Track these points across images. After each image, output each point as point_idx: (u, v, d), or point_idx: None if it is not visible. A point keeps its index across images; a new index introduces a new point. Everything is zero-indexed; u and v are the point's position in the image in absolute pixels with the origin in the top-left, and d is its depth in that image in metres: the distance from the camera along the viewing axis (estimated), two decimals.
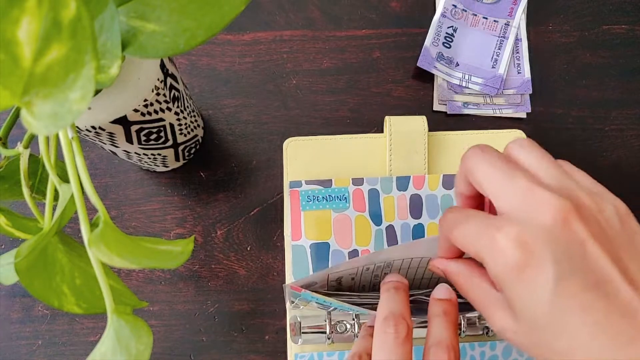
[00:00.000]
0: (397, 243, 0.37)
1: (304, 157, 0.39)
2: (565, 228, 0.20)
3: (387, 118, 0.39)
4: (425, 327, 0.34)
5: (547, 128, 0.44)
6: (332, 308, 0.33)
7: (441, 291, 0.27)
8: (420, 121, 0.39)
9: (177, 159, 0.40)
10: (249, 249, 0.40)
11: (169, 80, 0.32)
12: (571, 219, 0.20)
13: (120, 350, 0.23)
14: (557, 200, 0.20)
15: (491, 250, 0.21)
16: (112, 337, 0.23)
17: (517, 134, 0.41)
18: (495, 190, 0.22)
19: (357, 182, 0.37)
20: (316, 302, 0.32)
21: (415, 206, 0.37)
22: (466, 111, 0.44)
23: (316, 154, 0.39)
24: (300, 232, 0.36)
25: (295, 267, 0.36)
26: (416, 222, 0.37)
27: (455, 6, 0.46)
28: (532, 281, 0.20)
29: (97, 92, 0.28)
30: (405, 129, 0.39)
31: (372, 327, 0.29)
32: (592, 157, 0.43)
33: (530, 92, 0.44)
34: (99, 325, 0.39)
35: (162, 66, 0.31)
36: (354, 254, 0.36)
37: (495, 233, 0.21)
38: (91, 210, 0.23)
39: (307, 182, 0.37)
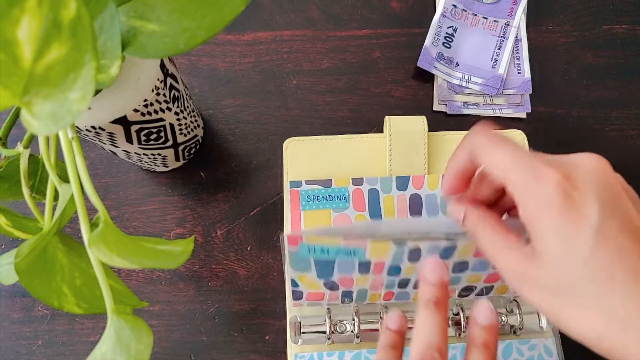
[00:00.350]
0: None
1: (304, 157, 0.39)
2: (606, 176, 0.22)
3: (387, 118, 0.39)
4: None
5: (547, 128, 0.44)
6: (334, 265, 0.32)
7: (484, 314, 0.25)
8: (420, 121, 0.39)
9: (177, 159, 0.40)
10: (249, 249, 0.40)
11: (169, 80, 0.32)
12: (609, 171, 0.22)
13: (120, 350, 0.23)
14: (595, 155, 0.22)
15: (535, 182, 0.21)
16: (112, 337, 0.23)
17: (517, 134, 0.41)
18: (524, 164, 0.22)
19: (357, 182, 0.37)
20: (315, 258, 0.31)
21: (415, 206, 0.37)
22: (466, 111, 0.44)
23: (316, 154, 0.39)
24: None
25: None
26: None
27: (455, 6, 0.46)
28: (577, 217, 0.21)
29: (97, 92, 0.28)
30: (405, 129, 0.39)
31: (395, 333, 0.27)
32: None
33: (530, 92, 0.44)
34: (99, 325, 0.39)
35: (162, 66, 0.31)
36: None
37: (542, 167, 0.21)
38: (91, 210, 0.23)
39: (307, 182, 0.37)
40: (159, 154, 0.37)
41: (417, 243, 0.30)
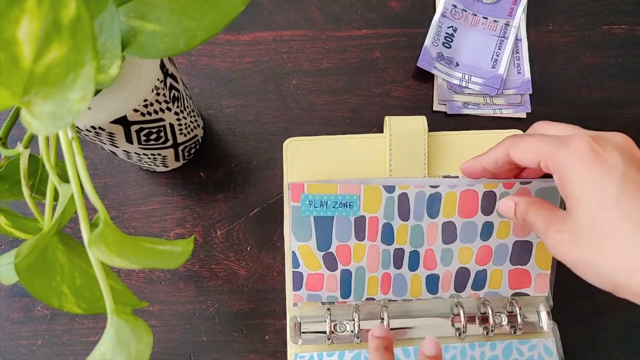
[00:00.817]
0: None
1: (304, 157, 0.39)
2: (630, 147, 0.25)
3: (387, 118, 0.39)
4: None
5: None
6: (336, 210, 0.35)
7: (430, 347, 0.29)
8: (420, 121, 0.39)
9: (177, 159, 0.40)
10: (249, 249, 0.40)
11: (169, 80, 0.32)
12: (634, 146, 0.25)
13: (120, 350, 0.23)
14: (622, 134, 0.26)
15: (566, 143, 0.25)
16: (112, 337, 0.23)
17: (517, 133, 0.41)
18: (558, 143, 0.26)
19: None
20: (315, 216, 0.35)
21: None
22: (466, 111, 0.44)
23: (316, 154, 0.39)
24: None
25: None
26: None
27: (455, 6, 0.46)
28: (604, 166, 0.24)
29: (97, 92, 0.28)
30: (405, 129, 0.39)
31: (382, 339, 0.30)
32: None
33: (530, 92, 0.44)
34: (99, 325, 0.39)
35: (162, 66, 0.31)
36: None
37: (572, 135, 0.25)
38: (91, 210, 0.23)
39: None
40: (159, 154, 0.37)
41: (405, 188, 0.35)
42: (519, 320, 0.35)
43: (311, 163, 0.39)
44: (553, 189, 0.34)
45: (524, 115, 0.44)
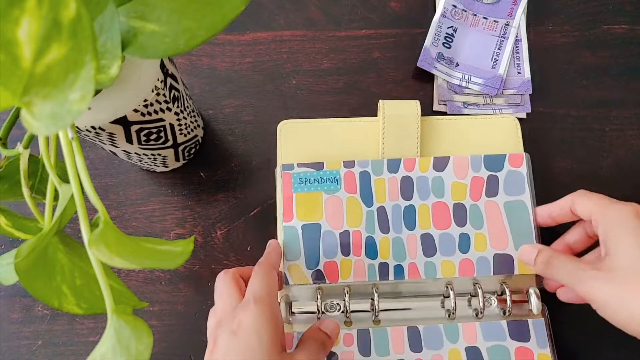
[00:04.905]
0: (389, 224, 0.37)
1: (298, 139, 0.40)
2: None
3: (381, 102, 0.40)
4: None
5: (547, 128, 0.44)
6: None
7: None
8: (414, 105, 0.40)
9: (177, 159, 0.40)
10: (249, 249, 0.40)
11: (169, 80, 0.32)
12: None
13: (120, 350, 0.23)
14: None
15: (613, 206, 0.31)
16: (112, 337, 0.23)
17: (510, 119, 0.41)
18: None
19: (349, 164, 0.38)
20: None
21: (407, 188, 0.38)
22: (466, 111, 0.44)
23: (310, 137, 0.40)
24: (292, 214, 0.37)
25: (287, 248, 0.37)
26: (407, 203, 0.37)
27: (455, 6, 0.46)
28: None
29: (97, 92, 0.28)
30: (399, 113, 0.40)
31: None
32: (592, 157, 0.43)
33: (530, 92, 0.44)
34: (99, 325, 0.39)
35: (162, 66, 0.31)
36: (345, 235, 0.37)
37: (619, 201, 0.31)
38: (91, 210, 0.23)
39: (299, 165, 0.38)
40: (159, 154, 0.37)
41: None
42: (508, 302, 0.35)
43: (305, 145, 0.40)
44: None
45: (524, 115, 0.44)
